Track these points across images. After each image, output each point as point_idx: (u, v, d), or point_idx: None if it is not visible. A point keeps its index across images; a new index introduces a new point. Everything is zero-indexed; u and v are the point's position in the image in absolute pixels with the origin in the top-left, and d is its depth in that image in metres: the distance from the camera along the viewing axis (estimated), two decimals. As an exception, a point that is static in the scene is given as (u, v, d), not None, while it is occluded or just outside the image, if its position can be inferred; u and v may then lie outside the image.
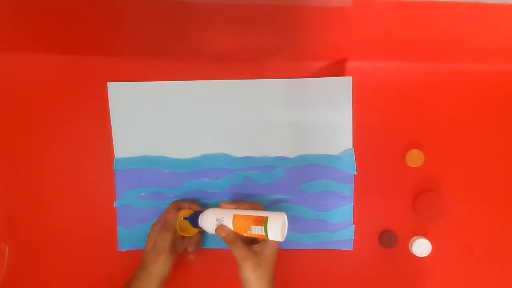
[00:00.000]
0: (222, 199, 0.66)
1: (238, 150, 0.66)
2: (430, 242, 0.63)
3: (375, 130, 0.65)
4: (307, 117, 0.65)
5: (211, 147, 0.66)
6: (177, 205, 0.63)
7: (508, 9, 0.48)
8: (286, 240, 0.65)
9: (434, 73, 0.65)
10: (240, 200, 0.65)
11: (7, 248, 0.66)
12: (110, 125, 0.65)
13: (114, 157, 0.66)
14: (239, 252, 0.55)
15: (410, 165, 0.65)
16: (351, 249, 0.66)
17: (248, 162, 0.65)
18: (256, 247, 0.56)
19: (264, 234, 0.53)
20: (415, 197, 0.65)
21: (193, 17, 0.53)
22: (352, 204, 0.65)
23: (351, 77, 0.65)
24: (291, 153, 0.65)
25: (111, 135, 0.66)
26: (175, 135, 0.66)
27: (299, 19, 0.53)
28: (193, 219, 0.59)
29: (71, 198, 0.66)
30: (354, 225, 0.65)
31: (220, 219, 0.56)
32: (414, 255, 0.63)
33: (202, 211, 0.59)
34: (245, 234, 0.55)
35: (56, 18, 0.54)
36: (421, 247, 0.63)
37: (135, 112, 0.65)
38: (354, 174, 0.65)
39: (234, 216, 0.55)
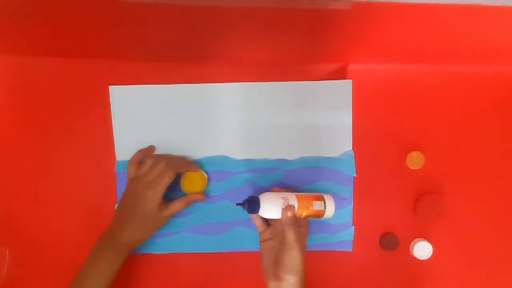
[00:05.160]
0: (224, 201, 0.66)
1: (239, 153, 0.66)
2: (431, 244, 0.63)
3: (375, 132, 0.66)
4: (307, 119, 0.65)
5: (212, 150, 0.66)
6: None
7: (507, 11, 0.48)
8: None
9: (434, 75, 0.65)
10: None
11: (7, 251, 0.66)
12: (112, 128, 0.66)
13: (115, 160, 0.66)
14: (293, 235, 0.56)
15: (411, 167, 0.65)
16: (350, 250, 0.66)
17: (248, 164, 0.65)
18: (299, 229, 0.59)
19: (323, 208, 0.60)
20: (415, 199, 0.65)
21: (194, 21, 0.53)
22: (352, 205, 0.65)
23: (351, 80, 0.65)
24: (291, 155, 0.65)
25: (113, 138, 0.66)
26: (176, 137, 0.66)
27: (299, 23, 0.53)
28: (252, 204, 0.57)
29: (72, 201, 0.66)
30: (353, 226, 0.65)
31: (285, 198, 0.58)
32: (415, 257, 0.63)
33: (255, 196, 0.58)
34: (305, 212, 0.59)
35: (58, 21, 0.54)
36: (422, 249, 0.63)
37: (136, 115, 0.66)
38: (354, 176, 0.65)
39: (297, 195, 0.59)
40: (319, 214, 0.60)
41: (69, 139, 0.66)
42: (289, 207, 0.57)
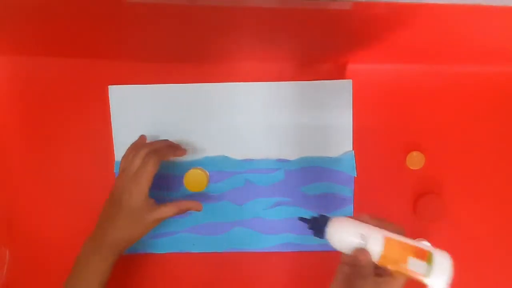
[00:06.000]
0: (224, 201, 0.66)
1: (239, 153, 0.66)
2: (431, 244, 0.63)
3: (376, 132, 0.66)
4: (307, 119, 0.65)
5: (212, 150, 0.66)
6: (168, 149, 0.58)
7: (507, 11, 0.48)
8: (287, 242, 0.65)
9: (434, 75, 0.65)
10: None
11: (7, 251, 0.66)
12: (111, 128, 0.66)
13: (114, 160, 0.66)
14: None
15: (411, 168, 0.65)
16: (351, 250, 0.65)
17: (248, 164, 0.65)
18: (379, 281, 0.44)
19: (424, 273, 0.40)
20: (415, 199, 0.65)
21: (194, 21, 0.53)
22: (352, 205, 0.65)
23: (351, 80, 0.65)
24: (291, 156, 0.65)
25: (112, 138, 0.66)
26: (175, 137, 0.66)
27: (299, 23, 0.53)
28: (318, 226, 0.45)
29: (71, 201, 0.66)
30: (354, 228, 0.65)
31: (365, 237, 0.42)
32: (415, 257, 0.63)
33: (325, 216, 0.45)
34: (391, 266, 0.42)
35: (58, 21, 0.54)
36: (422, 249, 0.63)
37: (135, 115, 0.66)
38: (354, 176, 0.65)
39: (386, 239, 0.42)
40: (416, 278, 0.41)
41: (68, 139, 0.66)
42: (361, 252, 0.41)
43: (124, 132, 0.66)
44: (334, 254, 0.66)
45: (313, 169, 0.65)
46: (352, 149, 0.65)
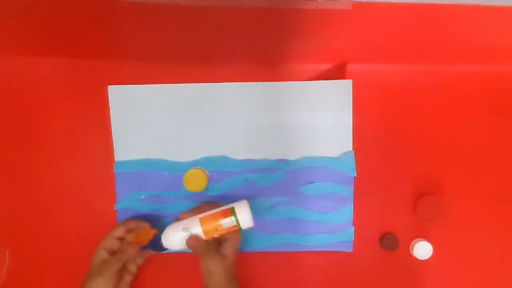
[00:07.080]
0: (222, 202, 0.66)
1: (239, 153, 0.66)
2: (431, 244, 0.63)
3: (375, 132, 0.66)
4: (307, 119, 0.65)
5: (212, 150, 0.66)
6: (125, 227, 0.61)
7: (507, 11, 0.49)
8: (287, 242, 0.65)
9: (435, 75, 0.66)
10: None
11: (7, 252, 0.66)
12: (111, 128, 0.66)
13: (114, 160, 0.66)
14: (205, 266, 0.55)
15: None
16: (351, 250, 0.66)
17: (248, 164, 0.65)
18: (221, 250, 0.56)
19: (236, 224, 0.53)
20: (415, 199, 0.65)
21: (193, 21, 0.53)
22: (352, 205, 0.65)
23: (351, 80, 0.65)
24: (291, 155, 0.65)
25: (112, 138, 0.66)
26: (175, 137, 0.66)
27: (299, 23, 0.53)
28: (155, 244, 0.56)
29: (71, 201, 0.66)
30: (354, 227, 0.65)
31: (187, 228, 0.53)
32: (415, 258, 0.63)
33: (157, 233, 0.56)
34: (216, 235, 0.54)
35: (58, 21, 0.54)
36: (422, 249, 0.63)
37: (135, 115, 0.66)
38: (354, 176, 0.65)
39: (201, 219, 0.54)
40: (235, 230, 0.55)
41: (67, 140, 0.66)
42: (191, 239, 0.54)
43: (124, 132, 0.66)
44: (333, 254, 0.66)
45: (313, 169, 0.65)
46: (352, 149, 0.65)
